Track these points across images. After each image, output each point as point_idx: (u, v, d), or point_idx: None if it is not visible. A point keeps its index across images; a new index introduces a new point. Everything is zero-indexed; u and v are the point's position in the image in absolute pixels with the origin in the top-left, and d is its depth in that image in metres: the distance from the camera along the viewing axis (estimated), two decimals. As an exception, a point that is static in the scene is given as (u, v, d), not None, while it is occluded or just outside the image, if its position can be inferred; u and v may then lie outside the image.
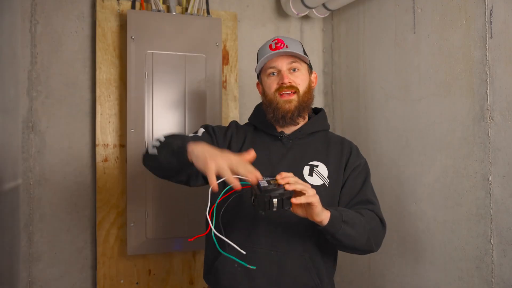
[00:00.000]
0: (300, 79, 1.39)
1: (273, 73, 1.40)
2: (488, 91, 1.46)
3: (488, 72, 1.47)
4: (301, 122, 1.44)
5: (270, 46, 1.40)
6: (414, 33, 1.78)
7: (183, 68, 2.00)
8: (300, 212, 1.17)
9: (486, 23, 1.47)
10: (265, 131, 1.45)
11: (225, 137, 1.45)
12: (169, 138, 1.27)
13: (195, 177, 1.33)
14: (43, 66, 1.92)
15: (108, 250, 1.94)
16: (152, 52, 1.95)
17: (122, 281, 1.95)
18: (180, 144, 1.20)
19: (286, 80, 1.36)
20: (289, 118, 1.37)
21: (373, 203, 1.38)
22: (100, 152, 1.95)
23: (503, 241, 1.41)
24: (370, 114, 2.04)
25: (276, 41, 1.40)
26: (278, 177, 1.12)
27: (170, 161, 1.22)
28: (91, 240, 1.98)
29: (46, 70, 1.92)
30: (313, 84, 1.45)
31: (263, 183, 1.09)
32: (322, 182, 1.36)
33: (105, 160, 1.96)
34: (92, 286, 1.97)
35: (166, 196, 1.95)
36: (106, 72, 1.97)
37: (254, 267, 1.18)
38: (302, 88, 1.38)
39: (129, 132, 1.91)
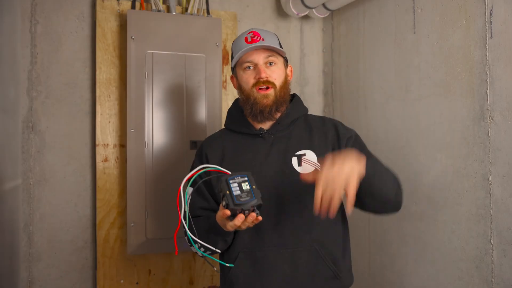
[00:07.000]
0: (276, 74, 1.37)
1: (249, 67, 1.37)
2: (488, 91, 1.46)
3: (488, 72, 1.47)
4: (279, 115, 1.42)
5: (246, 39, 1.37)
6: (414, 33, 1.78)
7: (183, 68, 2.00)
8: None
9: (486, 23, 1.47)
10: (243, 132, 1.42)
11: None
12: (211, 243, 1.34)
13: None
14: (43, 66, 1.92)
15: (108, 250, 1.94)
16: (152, 52, 1.95)
17: (122, 281, 1.95)
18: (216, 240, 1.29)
19: (263, 75, 1.35)
20: (267, 113, 1.36)
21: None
22: (100, 152, 1.95)
23: (503, 241, 1.41)
24: (370, 114, 2.04)
25: (252, 33, 1.38)
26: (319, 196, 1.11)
27: (224, 245, 1.33)
28: (91, 240, 1.98)
29: (46, 70, 1.92)
30: (289, 78, 1.44)
31: (235, 189, 1.11)
32: (314, 168, 1.34)
33: (105, 160, 1.96)
34: (92, 286, 1.97)
35: (166, 196, 1.94)
36: (106, 72, 1.97)
37: (232, 265, 1.28)
38: (278, 82, 1.37)
39: (129, 132, 1.91)
